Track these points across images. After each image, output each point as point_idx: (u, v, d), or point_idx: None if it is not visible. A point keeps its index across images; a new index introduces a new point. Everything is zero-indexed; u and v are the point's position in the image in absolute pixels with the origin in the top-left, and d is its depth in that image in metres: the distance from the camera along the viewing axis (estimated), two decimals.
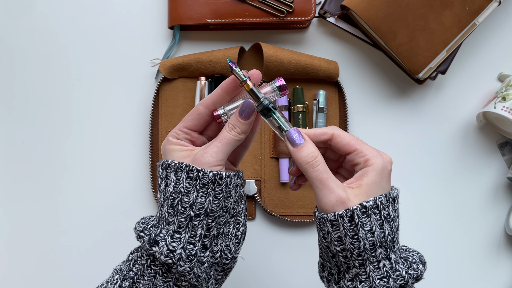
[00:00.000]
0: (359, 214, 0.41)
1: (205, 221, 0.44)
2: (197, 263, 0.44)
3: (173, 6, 0.68)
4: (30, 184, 0.70)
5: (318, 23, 0.72)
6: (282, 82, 0.45)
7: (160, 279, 0.45)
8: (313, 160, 0.43)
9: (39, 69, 0.71)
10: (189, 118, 0.46)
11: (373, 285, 0.42)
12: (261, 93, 0.44)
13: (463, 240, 0.71)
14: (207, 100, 0.46)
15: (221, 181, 0.44)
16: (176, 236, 0.44)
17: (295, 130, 0.44)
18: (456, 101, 0.72)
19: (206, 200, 0.44)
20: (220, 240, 0.46)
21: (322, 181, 0.42)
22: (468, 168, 0.72)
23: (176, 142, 0.46)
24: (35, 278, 0.70)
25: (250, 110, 0.45)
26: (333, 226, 0.42)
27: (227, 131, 0.45)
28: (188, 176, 0.43)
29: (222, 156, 0.44)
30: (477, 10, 0.65)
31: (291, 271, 0.70)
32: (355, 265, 0.43)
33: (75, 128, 0.71)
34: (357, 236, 0.42)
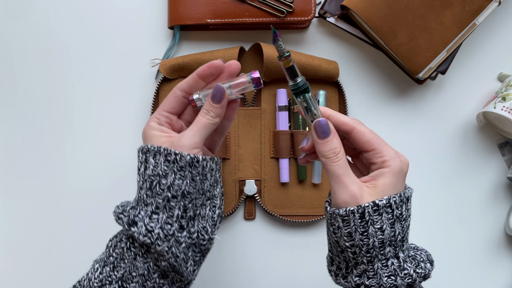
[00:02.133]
0: (371, 211, 0.42)
1: (182, 202, 0.46)
2: (175, 243, 0.46)
3: (173, 6, 0.68)
4: (30, 184, 0.70)
5: (318, 23, 0.72)
6: (257, 75, 0.47)
7: (140, 260, 0.46)
8: (335, 156, 0.44)
9: (39, 69, 0.71)
10: (167, 102, 0.49)
11: (380, 283, 0.42)
12: (298, 73, 0.44)
13: (463, 240, 0.71)
14: (183, 84, 0.48)
15: (198, 164, 0.46)
16: (154, 216, 0.45)
17: (325, 122, 0.44)
18: (456, 101, 0.72)
19: (183, 182, 0.45)
20: (197, 221, 0.48)
21: (338, 176, 0.43)
22: (468, 168, 0.72)
23: (157, 127, 0.48)
24: (35, 278, 0.70)
25: (221, 94, 0.47)
26: (344, 222, 0.43)
27: (201, 115, 0.47)
28: (166, 159, 0.45)
29: (198, 139, 0.46)
30: (477, 10, 0.65)
31: (291, 271, 0.70)
32: (363, 262, 0.43)
33: (75, 128, 0.71)
34: (367, 233, 0.42)
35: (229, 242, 0.70)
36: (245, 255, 0.70)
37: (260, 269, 0.70)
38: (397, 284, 0.42)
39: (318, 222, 0.70)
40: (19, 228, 0.70)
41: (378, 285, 0.43)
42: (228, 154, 0.69)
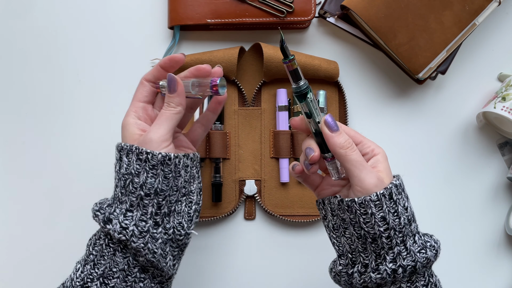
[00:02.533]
0: (395, 191, 0.45)
1: (156, 200, 0.47)
2: (151, 239, 0.47)
3: (173, 6, 0.68)
4: (30, 184, 0.70)
5: (318, 23, 0.72)
6: (215, 83, 0.49)
7: (120, 255, 0.47)
8: (351, 146, 0.46)
9: (39, 69, 0.71)
10: (138, 93, 0.51)
11: (416, 259, 0.44)
12: (301, 76, 0.46)
13: (463, 240, 0.71)
14: (148, 75, 0.51)
15: (170, 162, 0.47)
16: (128, 214, 0.47)
17: (333, 117, 0.46)
18: (456, 101, 0.72)
19: (156, 180, 0.47)
20: (172, 217, 0.49)
21: (362, 163, 0.45)
22: (468, 168, 0.72)
23: (133, 123, 0.49)
24: (35, 278, 0.70)
25: (174, 82, 0.48)
26: (377, 206, 0.44)
27: (163, 108, 0.49)
28: (138, 158, 0.47)
29: (164, 131, 0.47)
30: (477, 10, 0.65)
31: (291, 271, 0.70)
32: (397, 243, 0.44)
33: (75, 128, 0.71)
34: (397, 213, 0.44)
35: (229, 242, 0.70)
36: (245, 255, 0.70)
37: (260, 269, 0.70)
38: (428, 256, 0.45)
39: (318, 222, 0.70)
40: (19, 228, 0.70)
41: (414, 262, 0.44)
42: (228, 154, 0.69)
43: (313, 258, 0.70)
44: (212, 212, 0.68)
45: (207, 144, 0.68)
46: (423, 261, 0.45)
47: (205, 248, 0.70)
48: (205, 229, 0.70)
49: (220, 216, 0.68)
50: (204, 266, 0.70)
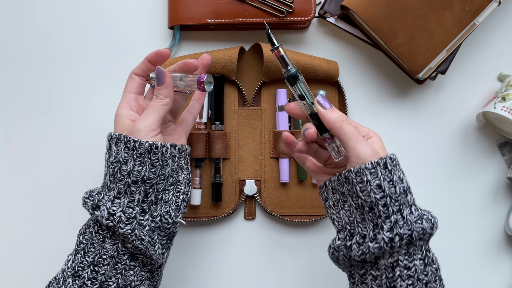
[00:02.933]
0: (389, 162, 0.46)
1: (143, 187, 0.49)
2: (138, 226, 0.48)
3: (173, 6, 0.68)
4: (30, 184, 0.70)
5: (318, 23, 0.72)
6: (202, 80, 0.51)
7: (109, 242, 0.48)
8: (346, 119, 0.48)
9: (39, 69, 0.71)
10: (129, 85, 0.53)
11: (412, 228, 0.45)
12: (290, 61, 0.49)
13: (463, 240, 0.71)
14: (136, 69, 0.53)
15: (157, 150, 0.49)
16: (116, 201, 0.48)
17: (324, 97, 0.49)
18: (456, 101, 0.72)
19: (143, 168, 0.48)
20: (159, 205, 0.51)
21: (356, 135, 0.47)
22: (468, 168, 0.72)
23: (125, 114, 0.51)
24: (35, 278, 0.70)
25: (161, 75, 0.50)
26: (372, 174, 0.46)
27: (152, 100, 0.51)
28: (126, 147, 0.48)
29: (152, 121, 0.49)
30: (477, 10, 0.65)
31: (291, 271, 0.70)
32: (394, 211, 0.45)
33: (75, 128, 0.71)
34: (392, 182, 0.46)
35: (229, 242, 0.70)
36: (245, 255, 0.70)
37: (260, 269, 0.70)
38: (424, 226, 0.46)
39: (318, 222, 0.70)
40: (19, 227, 0.70)
41: (410, 231, 0.45)
42: (228, 154, 0.69)
43: (313, 258, 0.70)
44: (212, 212, 0.68)
45: (207, 144, 0.68)
46: (419, 230, 0.45)
47: (205, 248, 0.70)
48: (205, 229, 0.70)
49: (220, 216, 0.68)
50: (204, 266, 0.70)
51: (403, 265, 0.45)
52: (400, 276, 0.45)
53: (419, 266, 0.46)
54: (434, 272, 0.47)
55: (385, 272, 0.46)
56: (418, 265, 0.46)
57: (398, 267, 0.45)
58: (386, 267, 0.46)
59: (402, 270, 0.45)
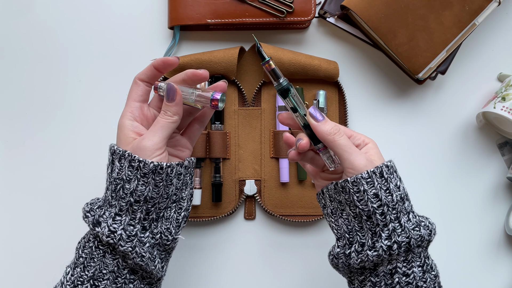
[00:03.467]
0: (386, 170, 0.46)
1: (145, 206, 0.48)
2: (138, 243, 0.48)
3: (173, 6, 0.68)
4: (30, 184, 0.70)
5: (318, 23, 0.72)
6: (217, 97, 0.49)
7: (109, 257, 0.48)
8: (339, 131, 0.47)
9: (39, 69, 0.71)
10: (133, 92, 0.50)
11: (410, 235, 0.45)
12: (281, 74, 0.49)
13: (463, 240, 0.71)
14: (141, 75, 0.50)
15: (162, 171, 0.47)
16: (117, 218, 0.47)
17: (316, 108, 0.49)
18: (456, 101, 0.72)
19: (146, 188, 0.47)
20: (160, 223, 0.50)
21: (350, 146, 0.47)
22: (468, 168, 0.72)
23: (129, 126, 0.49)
24: (35, 278, 0.70)
25: (173, 92, 0.48)
26: (368, 184, 0.46)
27: (160, 116, 0.49)
28: (130, 165, 0.47)
29: (158, 139, 0.48)
30: (476, 10, 0.65)
31: (291, 271, 0.70)
32: (391, 219, 0.46)
33: (75, 128, 0.71)
34: (389, 190, 0.46)
35: (229, 242, 0.70)
36: (245, 255, 0.70)
37: (260, 269, 0.70)
38: (422, 233, 0.46)
39: (318, 222, 0.70)
40: (19, 228, 0.70)
41: (408, 238, 0.45)
42: (228, 154, 0.69)
43: (313, 258, 0.70)
44: (212, 212, 0.68)
45: (207, 144, 0.68)
46: (417, 237, 0.46)
47: (205, 248, 0.70)
48: (205, 229, 0.70)
49: (220, 216, 0.68)
50: (204, 266, 0.70)
51: (402, 272, 0.46)
52: (399, 283, 0.46)
53: (417, 273, 0.46)
54: (433, 279, 0.47)
55: (384, 279, 0.47)
56: (417, 272, 0.46)
57: (396, 274, 0.46)
58: (385, 274, 0.47)
59: (400, 277, 0.46)
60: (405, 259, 0.46)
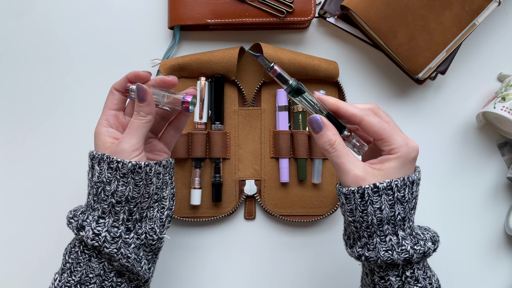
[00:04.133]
0: (370, 193, 0.45)
1: (127, 207, 0.48)
2: (123, 244, 0.48)
3: (173, 6, 0.68)
4: (30, 184, 0.70)
5: (318, 23, 0.72)
6: (188, 99, 0.50)
7: (95, 261, 0.49)
8: (330, 148, 0.47)
9: (39, 69, 0.71)
10: (108, 101, 0.52)
11: (378, 255, 0.46)
12: (287, 76, 0.48)
13: (463, 240, 0.71)
14: (116, 85, 0.53)
15: (140, 170, 0.48)
16: (100, 221, 0.48)
17: (316, 117, 0.47)
18: (456, 101, 0.72)
19: (127, 188, 0.48)
20: (144, 223, 0.50)
21: (339, 164, 0.47)
22: (468, 168, 0.72)
23: (105, 132, 0.51)
24: (35, 278, 0.70)
25: (142, 92, 0.49)
26: (346, 199, 0.47)
27: (133, 118, 0.50)
28: (109, 167, 0.48)
29: (135, 141, 0.49)
30: (476, 10, 0.65)
31: (291, 271, 0.70)
32: (364, 236, 0.47)
33: (75, 128, 0.71)
34: (366, 211, 0.46)
35: (229, 242, 0.70)
36: (245, 255, 0.70)
37: (260, 269, 0.70)
38: (394, 258, 0.46)
39: (318, 222, 0.70)
40: (19, 228, 0.70)
41: (376, 257, 0.46)
42: (228, 154, 0.69)
43: (313, 258, 0.70)
44: (212, 212, 0.68)
45: (207, 144, 0.68)
46: (386, 260, 0.46)
47: (205, 248, 0.70)
48: (205, 229, 0.70)
49: (220, 216, 0.68)
50: (204, 266, 0.70)
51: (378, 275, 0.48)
52: (378, 284, 0.48)
53: (394, 281, 0.47)
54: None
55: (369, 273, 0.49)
56: (393, 281, 0.47)
57: (375, 274, 0.48)
58: (369, 269, 0.49)
59: (378, 279, 0.48)
60: (380, 266, 0.47)
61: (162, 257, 0.69)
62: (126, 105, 0.54)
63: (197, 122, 0.68)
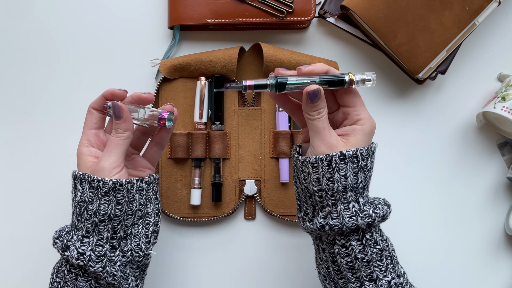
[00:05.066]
0: (337, 160, 0.47)
1: (110, 225, 0.49)
2: (109, 263, 0.49)
3: (173, 6, 0.68)
4: (30, 184, 0.70)
5: (318, 23, 0.72)
6: (164, 116, 0.50)
7: (82, 279, 0.49)
8: (318, 114, 0.48)
9: (39, 69, 0.71)
10: (87, 120, 0.53)
11: (343, 222, 0.48)
12: (263, 80, 0.49)
13: (463, 240, 0.71)
14: (94, 104, 0.53)
15: (122, 187, 0.49)
16: (85, 240, 0.49)
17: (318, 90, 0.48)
18: (456, 101, 0.72)
19: (109, 206, 0.48)
20: (129, 240, 0.51)
21: (320, 130, 0.48)
22: (468, 168, 0.72)
23: (86, 152, 0.51)
24: (35, 278, 0.70)
25: (118, 109, 0.50)
26: (313, 168, 0.48)
27: (112, 135, 0.50)
28: (90, 186, 0.48)
29: (114, 158, 0.49)
30: (476, 10, 0.65)
31: (291, 271, 0.70)
32: (328, 204, 0.48)
33: (75, 128, 0.71)
34: (332, 179, 0.47)
35: (229, 242, 0.70)
36: (245, 255, 0.70)
37: (260, 269, 0.70)
38: (358, 223, 0.47)
39: None
40: (19, 228, 0.70)
41: (341, 224, 0.48)
42: (228, 154, 0.69)
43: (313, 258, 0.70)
44: (212, 212, 0.68)
45: (207, 144, 0.68)
46: (351, 226, 0.47)
47: (205, 248, 0.70)
48: (205, 229, 0.70)
49: (220, 216, 0.68)
50: (204, 266, 0.70)
51: (340, 244, 0.49)
52: (338, 253, 0.49)
53: (355, 246, 0.48)
54: (378, 252, 0.49)
55: (327, 247, 0.50)
56: (355, 245, 0.48)
57: (336, 245, 0.49)
58: (327, 243, 0.50)
59: (340, 248, 0.49)
60: (341, 233, 0.49)
61: (162, 257, 0.69)
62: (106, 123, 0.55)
63: (197, 122, 0.68)
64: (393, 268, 0.49)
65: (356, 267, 0.48)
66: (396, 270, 0.50)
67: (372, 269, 0.48)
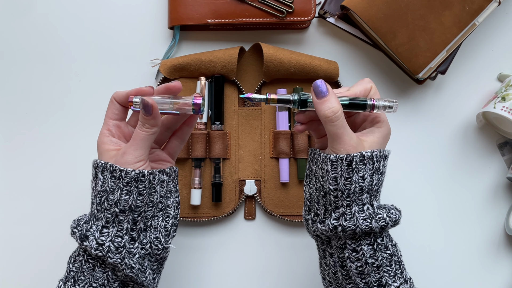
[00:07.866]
0: (358, 161, 0.47)
1: (131, 216, 0.48)
2: (128, 254, 0.48)
3: (173, 6, 0.68)
4: (30, 184, 0.70)
5: (318, 23, 0.72)
6: (199, 101, 0.49)
7: (99, 270, 0.48)
8: (334, 115, 0.47)
9: (39, 69, 0.71)
10: (109, 111, 0.51)
11: (357, 224, 0.47)
12: (287, 95, 0.49)
13: (463, 240, 0.71)
14: (117, 96, 0.51)
15: (144, 178, 0.48)
16: (104, 230, 0.48)
17: (322, 82, 0.48)
18: (456, 101, 0.72)
19: (130, 197, 0.48)
20: (149, 232, 0.50)
21: (338, 135, 0.47)
22: (467, 168, 0.72)
23: (107, 141, 0.50)
24: (35, 278, 0.70)
25: (147, 107, 0.48)
26: (332, 166, 0.47)
27: (138, 128, 0.49)
28: (112, 176, 0.48)
29: (140, 153, 0.48)
30: (476, 10, 0.65)
31: (291, 271, 0.70)
32: (342, 205, 0.48)
33: (75, 128, 0.71)
34: (350, 179, 0.47)
35: (229, 242, 0.70)
36: (245, 255, 0.70)
37: (260, 269, 0.70)
38: (372, 226, 0.47)
39: None
40: (19, 228, 0.70)
41: (354, 226, 0.47)
42: (228, 154, 0.69)
43: (313, 258, 0.70)
44: (212, 212, 0.68)
45: (207, 144, 0.68)
46: (365, 228, 0.47)
47: (205, 248, 0.70)
48: (205, 229, 0.70)
49: (220, 216, 0.68)
50: (204, 266, 0.70)
51: (351, 248, 0.48)
52: (348, 258, 0.48)
53: (366, 250, 0.48)
54: (388, 257, 0.48)
55: (336, 252, 0.49)
56: (366, 250, 0.48)
57: (346, 249, 0.48)
58: (336, 247, 0.49)
59: (350, 253, 0.48)
60: (353, 237, 0.48)
61: None
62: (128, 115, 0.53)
63: (197, 122, 0.68)
64: (401, 274, 0.49)
65: (365, 272, 0.48)
66: (404, 275, 0.49)
67: (381, 274, 0.48)
